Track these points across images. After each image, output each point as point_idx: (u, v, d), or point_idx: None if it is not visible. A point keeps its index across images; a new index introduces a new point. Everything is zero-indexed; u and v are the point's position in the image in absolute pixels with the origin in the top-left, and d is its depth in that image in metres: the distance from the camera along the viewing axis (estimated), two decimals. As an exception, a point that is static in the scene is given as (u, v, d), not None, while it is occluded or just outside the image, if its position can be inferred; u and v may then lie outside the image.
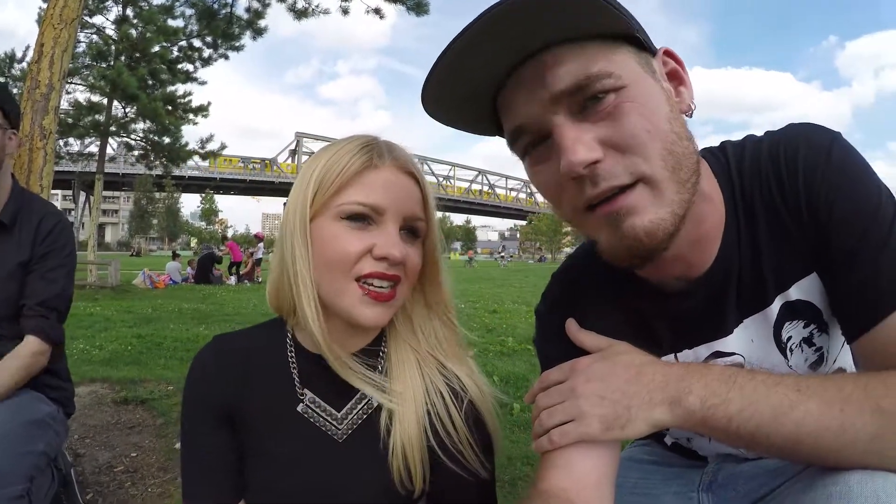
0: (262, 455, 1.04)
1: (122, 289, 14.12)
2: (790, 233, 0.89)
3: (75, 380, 4.31)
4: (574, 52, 0.79)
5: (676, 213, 0.82)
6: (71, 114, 15.33)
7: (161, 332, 7.21)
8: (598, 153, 0.79)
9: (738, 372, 0.83)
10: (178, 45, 15.82)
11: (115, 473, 2.84)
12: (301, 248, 0.97)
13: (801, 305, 0.93)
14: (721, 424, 0.79)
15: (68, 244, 1.99)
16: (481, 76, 0.83)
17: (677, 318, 1.01)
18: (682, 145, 0.82)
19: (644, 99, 0.80)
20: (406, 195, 1.00)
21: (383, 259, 0.96)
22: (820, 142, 0.87)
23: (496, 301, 12.80)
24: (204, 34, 15.00)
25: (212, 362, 1.08)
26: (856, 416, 0.73)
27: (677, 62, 0.90)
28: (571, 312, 1.06)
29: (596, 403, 0.87)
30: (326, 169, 0.97)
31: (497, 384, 4.83)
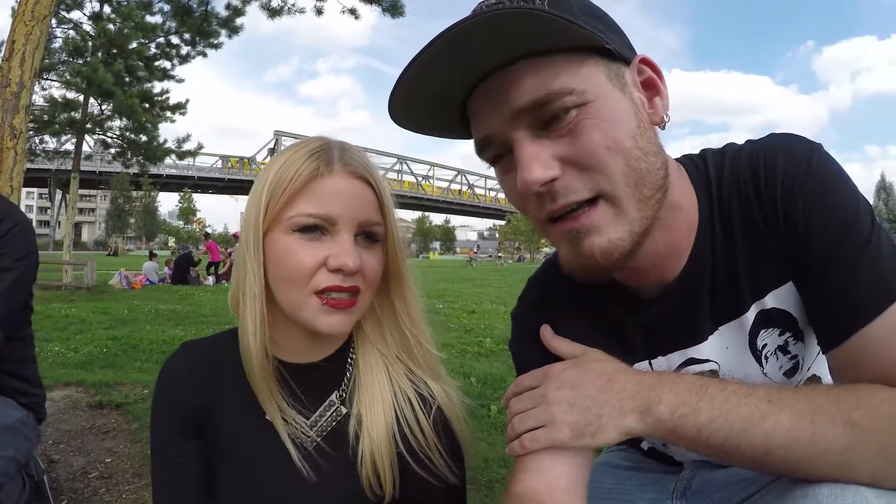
0: (231, 463, 1.03)
1: (98, 289, 13.92)
2: (767, 242, 0.88)
3: (50, 383, 4.31)
4: (537, 66, 0.78)
5: (635, 232, 0.83)
6: (46, 110, 15.10)
7: (137, 334, 7.12)
8: (554, 171, 0.80)
9: (709, 382, 0.83)
10: (155, 41, 15.68)
11: (90, 479, 2.80)
12: (253, 263, 0.96)
13: (776, 314, 0.93)
14: (691, 434, 0.80)
15: (22, 248, 1.89)
16: (446, 91, 0.84)
17: (651, 324, 1.01)
18: (647, 161, 0.82)
19: (607, 115, 0.80)
20: (359, 201, 0.97)
21: (338, 271, 0.93)
22: (800, 153, 0.86)
23: (475, 301, 12.82)
24: (182, 31, 14.89)
25: (180, 369, 1.07)
26: (827, 427, 0.73)
27: (654, 71, 0.88)
28: (547, 317, 1.07)
29: (566, 410, 0.88)
30: (276, 179, 0.95)
31: (474, 385, 4.84)
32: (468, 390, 4.66)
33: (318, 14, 11.30)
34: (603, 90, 0.81)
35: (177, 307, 10.58)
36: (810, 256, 0.83)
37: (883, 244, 0.81)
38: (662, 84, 0.89)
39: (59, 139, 17.78)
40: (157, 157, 17.47)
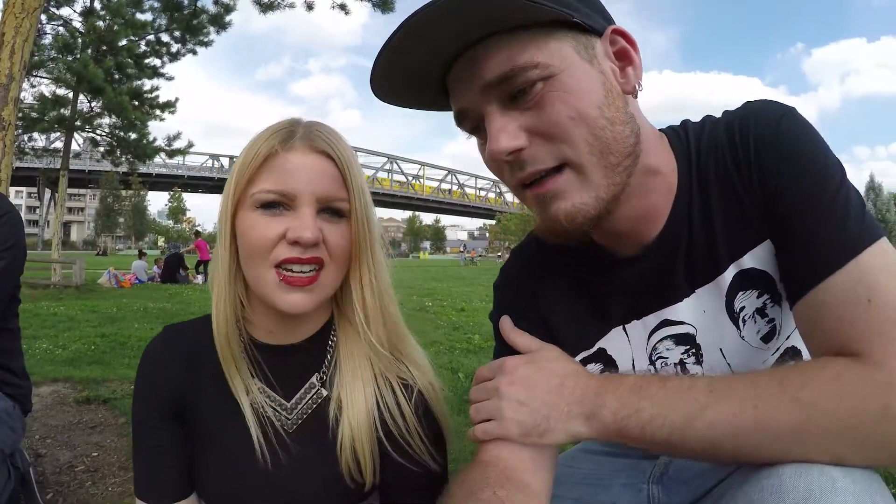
0: (211, 446, 1.03)
1: (86, 288, 13.84)
2: (744, 204, 0.90)
3: (38, 380, 4.29)
4: (504, 42, 0.82)
5: (601, 198, 0.86)
6: (35, 108, 14.99)
7: (125, 332, 7.07)
8: (520, 141, 0.84)
9: (650, 381, 0.84)
10: (145, 38, 15.59)
11: (76, 473, 2.78)
12: (224, 241, 0.99)
13: (755, 273, 0.93)
14: (635, 434, 0.81)
15: (10, 238, 1.90)
16: (422, 69, 0.88)
17: (628, 285, 1.02)
18: (613, 130, 0.85)
19: (572, 87, 0.83)
20: (319, 176, 0.97)
21: (296, 243, 0.94)
22: (770, 115, 0.89)
23: (464, 299, 12.84)
24: (172, 28, 14.83)
25: (161, 353, 1.08)
26: (771, 411, 0.73)
27: (628, 41, 0.90)
28: (527, 286, 1.12)
29: (516, 408, 0.90)
30: (241, 159, 0.98)
31: (462, 381, 4.85)
32: (456, 385, 4.68)
33: (309, 9, 11.27)
34: (569, 63, 0.83)
35: (165, 305, 10.54)
36: (781, 210, 0.85)
37: (851, 201, 0.82)
38: (636, 54, 0.91)
39: (48, 137, 17.65)
40: (146, 155, 17.36)
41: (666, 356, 1.02)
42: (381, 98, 0.93)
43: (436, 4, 0.75)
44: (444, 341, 6.94)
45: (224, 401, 1.03)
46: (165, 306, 10.39)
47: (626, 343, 1.05)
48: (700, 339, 1.00)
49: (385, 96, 0.93)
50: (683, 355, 1.02)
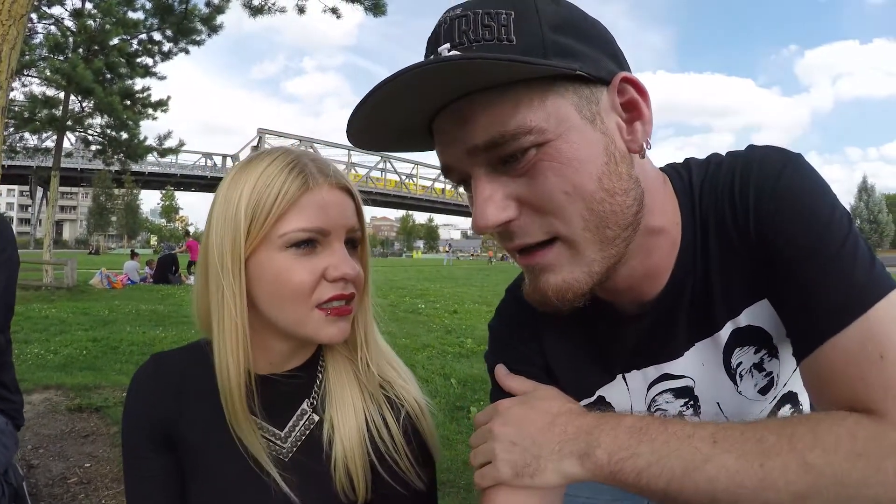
0: (202, 479, 1.03)
1: (78, 289, 13.79)
2: (741, 256, 0.85)
3: (29, 387, 4.28)
4: (492, 101, 0.73)
5: (594, 272, 0.80)
6: (27, 107, 14.90)
7: (117, 336, 7.07)
8: (509, 213, 0.77)
9: (650, 423, 0.78)
10: (137, 38, 15.51)
11: (69, 485, 2.79)
12: (233, 286, 0.94)
13: (750, 331, 0.90)
14: (630, 479, 0.76)
15: (6, 249, 1.91)
16: (403, 125, 0.81)
17: (628, 340, 0.98)
18: (613, 202, 0.77)
19: (569, 155, 0.74)
20: (345, 210, 0.98)
21: (339, 280, 0.94)
22: (773, 164, 0.83)
23: (457, 301, 12.83)
24: (164, 28, 14.76)
25: (149, 382, 1.06)
26: (778, 472, 0.68)
27: (639, 91, 0.80)
28: (524, 329, 1.06)
29: (508, 448, 0.85)
30: (257, 198, 0.93)
31: (454, 387, 4.86)
32: (448, 392, 4.69)
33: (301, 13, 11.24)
34: (567, 126, 0.74)
35: (158, 307, 10.50)
36: (782, 263, 0.80)
37: (859, 253, 0.76)
38: (646, 106, 0.81)
39: (39, 136, 17.53)
40: (137, 154, 17.27)
41: (665, 408, 1.00)
42: (362, 148, 0.88)
43: (411, 71, 0.69)
44: (436, 345, 6.97)
45: (214, 434, 1.02)
46: (158, 308, 10.36)
47: (626, 392, 1.02)
48: (698, 392, 0.98)
49: (366, 147, 0.88)
50: (682, 407, 1.00)
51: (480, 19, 0.72)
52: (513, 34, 0.72)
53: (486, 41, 0.72)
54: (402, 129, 0.83)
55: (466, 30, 0.73)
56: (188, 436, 1.03)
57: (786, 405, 0.98)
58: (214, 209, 0.99)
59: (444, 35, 0.75)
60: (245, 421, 0.99)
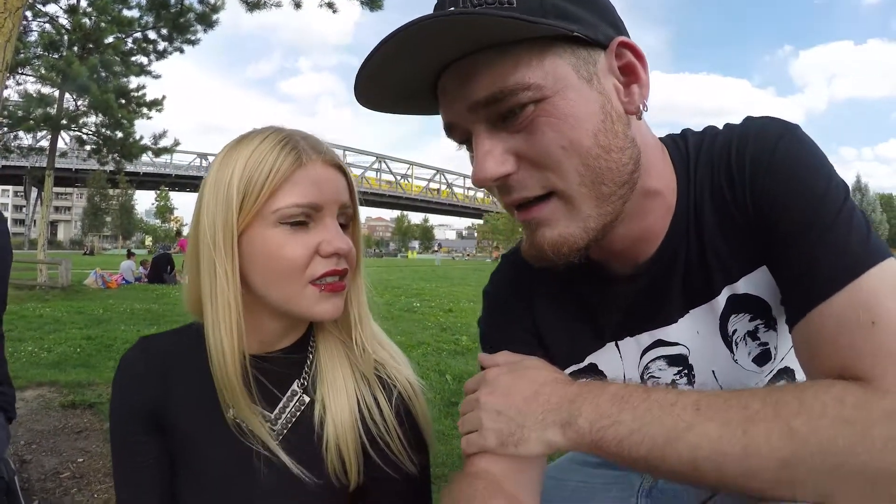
0: (192, 462, 1.02)
1: (73, 289, 13.72)
2: (738, 225, 0.86)
3: (23, 383, 4.26)
4: (493, 59, 0.76)
5: (590, 228, 0.82)
6: (21, 106, 14.83)
7: (111, 334, 7.04)
8: (508, 167, 0.80)
9: (633, 391, 0.78)
10: (132, 36, 15.47)
11: (62, 479, 2.77)
12: (225, 263, 0.93)
13: (748, 299, 0.90)
14: (612, 448, 0.75)
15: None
16: (408, 82, 0.83)
17: (622, 302, 0.99)
18: (608, 159, 0.80)
19: (566, 111, 0.77)
20: (336, 187, 0.98)
21: (332, 255, 0.95)
22: (770, 135, 0.84)
23: (452, 300, 12.80)
24: (159, 26, 14.72)
25: (137, 365, 1.05)
26: (762, 438, 0.67)
27: (636, 55, 0.83)
28: (519, 294, 1.09)
29: (493, 418, 0.86)
30: (249, 174, 0.93)
31: (450, 383, 4.86)
32: (443, 388, 4.69)
33: (297, 7, 11.18)
34: (564, 84, 0.77)
35: (152, 306, 10.46)
36: (778, 234, 0.81)
37: (854, 222, 0.77)
38: (643, 70, 0.83)
39: (34, 135, 17.46)
40: (132, 153, 17.23)
41: (658, 376, 1.00)
42: (367, 107, 0.90)
43: (416, 24, 0.71)
44: (432, 342, 6.96)
45: (204, 417, 1.01)
46: (152, 307, 10.32)
47: (619, 359, 1.02)
48: (692, 360, 0.98)
49: (371, 106, 0.90)
50: (676, 376, 1.00)
51: None
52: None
53: (488, 3, 0.74)
54: (407, 89, 0.85)
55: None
56: (177, 419, 1.02)
57: (781, 380, 0.97)
58: (205, 191, 0.98)
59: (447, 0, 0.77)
60: (244, 401, 0.98)
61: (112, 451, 1.05)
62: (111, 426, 1.04)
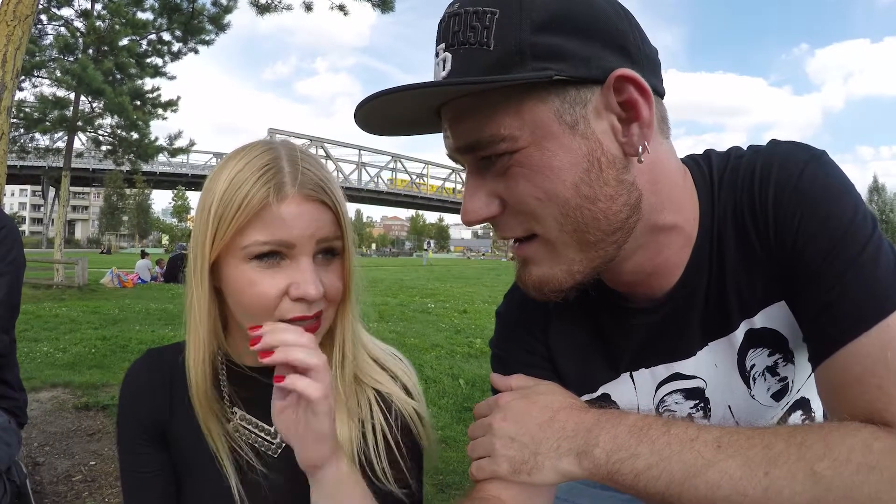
0: (196, 475, 1.02)
1: (89, 288, 13.88)
2: (759, 256, 0.83)
3: (38, 384, 4.29)
4: (473, 106, 0.75)
5: (575, 272, 0.80)
6: (37, 108, 14.99)
7: (126, 334, 7.10)
8: (492, 209, 0.80)
9: (652, 423, 0.76)
10: (146, 38, 15.58)
11: (73, 483, 2.79)
12: (198, 288, 0.93)
13: (766, 333, 0.87)
14: (628, 481, 0.73)
15: (12, 251, 1.93)
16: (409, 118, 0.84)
17: (638, 334, 0.95)
18: (595, 209, 0.76)
19: (541, 163, 0.74)
20: (316, 223, 0.91)
21: (300, 300, 0.89)
22: (795, 162, 0.80)
23: (467, 301, 12.80)
24: (173, 28, 14.81)
25: (141, 377, 1.06)
26: (784, 481, 0.65)
27: (639, 89, 0.75)
28: (533, 319, 1.05)
29: (507, 444, 0.84)
30: (223, 207, 0.88)
31: (463, 388, 4.84)
32: (456, 392, 4.67)
33: (308, 10, 11.19)
34: (543, 133, 0.74)
35: (168, 306, 10.54)
36: (801, 268, 0.77)
37: (882, 256, 0.73)
38: (646, 106, 0.75)
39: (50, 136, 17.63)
40: (148, 154, 17.36)
41: (674, 409, 0.97)
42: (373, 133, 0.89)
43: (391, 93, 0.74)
44: (445, 345, 6.95)
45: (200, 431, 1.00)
46: (168, 307, 10.39)
47: (633, 391, 0.99)
48: (709, 394, 0.95)
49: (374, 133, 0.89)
50: (692, 409, 0.97)
51: (469, 20, 0.73)
52: (492, 39, 0.72)
53: (471, 45, 0.73)
54: (408, 122, 0.86)
55: (457, 31, 0.74)
56: (179, 432, 1.03)
57: (797, 411, 0.95)
58: (197, 205, 0.97)
59: (441, 33, 0.77)
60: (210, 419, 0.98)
61: (119, 458, 1.06)
62: (118, 434, 1.05)
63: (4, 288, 1.89)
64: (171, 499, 1.03)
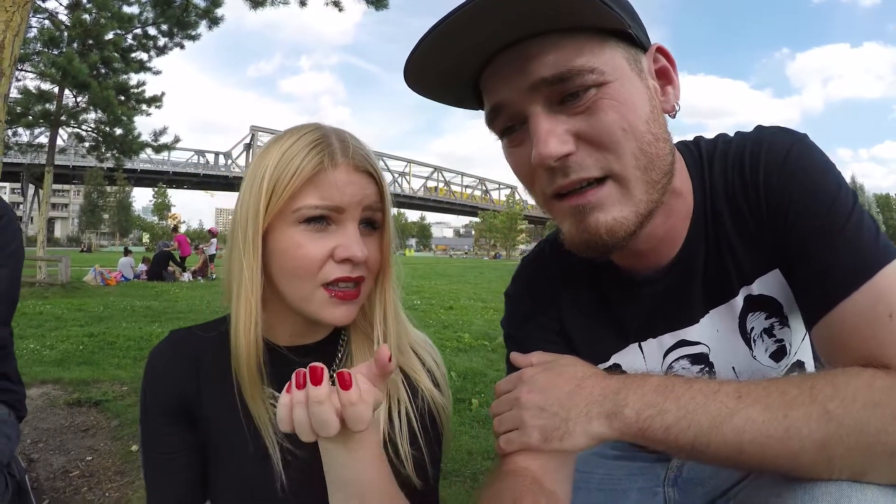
0: (225, 454, 1.02)
1: (72, 286, 13.66)
2: (752, 229, 0.91)
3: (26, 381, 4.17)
4: (559, 42, 0.79)
5: (640, 213, 0.85)
6: (20, 102, 14.76)
7: (113, 331, 7.01)
8: (570, 146, 0.81)
9: (675, 381, 0.82)
10: (132, 32, 15.39)
11: (71, 478, 2.75)
12: (250, 258, 0.96)
13: (762, 299, 0.95)
14: (658, 435, 0.78)
15: (12, 242, 1.87)
16: (464, 59, 0.84)
17: (643, 305, 1.03)
18: (658, 146, 0.84)
19: (625, 97, 0.81)
20: (363, 191, 0.98)
21: (346, 261, 0.95)
22: (782, 142, 0.89)
23: (452, 298, 12.79)
24: (159, 22, 14.65)
25: (167, 358, 1.06)
26: (801, 421, 0.71)
27: (669, 60, 0.91)
28: (541, 295, 1.12)
29: (536, 414, 0.88)
30: (278, 174, 0.94)
31: (455, 380, 4.86)
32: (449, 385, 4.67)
33: (302, 5, 11.07)
34: (622, 73, 0.82)
35: (153, 303, 10.44)
36: (792, 238, 0.85)
37: (864, 224, 0.83)
38: (675, 74, 0.91)
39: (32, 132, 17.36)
40: (132, 150, 17.15)
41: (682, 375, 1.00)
42: (413, 86, 0.91)
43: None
44: (435, 340, 6.77)
45: (234, 408, 1.01)
46: (153, 304, 10.29)
47: (641, 360, 1.06)
48: (713, 358, 1.02)
49: (418, 84, 0.90)
50: (698, 374, 1.03)
51: None
52: None
53: None
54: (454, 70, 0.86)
55: None
56: (206, 413, 1.03)
57: (794, 373, 1.01)
58: (244, 182, 1.00)
59: None
60: (255, 391, 0.99)
61: (142, 442, 1.06)
62: (141, 418, 1.05)
63: (5, 280, 1.84)
64: (196, 483, 1.02)
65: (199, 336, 1.08)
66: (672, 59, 0.91)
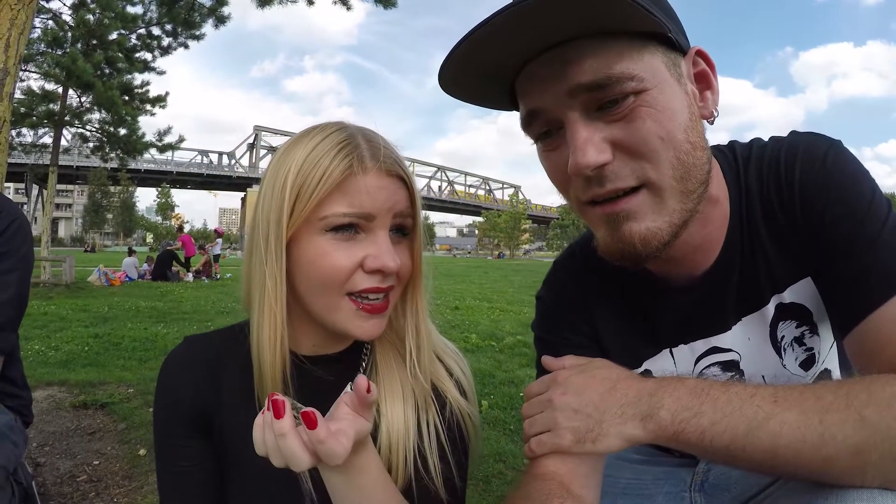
0: (239, 465, 0.98)
1: (77, 286, 13.66)
2: (786, 236, 0.91)
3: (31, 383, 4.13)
4: (598, 47, 0.77)
5: (675, 224, 0.84)
6: (24, 102, 14.74)
7: (118, 332, 6.99)
8: (607, 155, 0.80)
9: (711, 384, 0.80)
10: (136, 32, 15.37)
11: (79, 483, 2.71)
12: (273, 267, 0.90)
13: (793, 307, 0.95)
14: (694, 438, 0.77)
15: (24, 245, 1.82)
16: (500, 63, 0.83)
17: (677, 313, 1.03)
18: (695, 155, 0.83)
19: (663, 105, 0.80)
20: (394, 197, 0.92)
21: (376, 272, 0.90)
22: (817, 149, 0.89)
23: (457, 298, 12.78)
24: (164, 22, 14.62)
25: (183, 365, 1.02)
26: (837, 427, 0.70)
27: (708, 63, 0.89)
28: (574, 300, 1.11)
29: (569, 416, 0.87)
30: (302, 178, 0.88)
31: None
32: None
33: (310, 3, 10.99)
34: (661, 79, 0.80)
35: (157, 304, 10.42)
36: (827, 245, 0.85)
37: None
38: (714, 78, 0.89)
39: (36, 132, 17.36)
40: (136, 150, 17.14)
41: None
42: (448, 89, 0.88)
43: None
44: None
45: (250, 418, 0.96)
46: (157, 305, 10.27)
47: (672, 365, 1.06)
48: (744, 366, 1.02)
49: (454, 87, 0.88)
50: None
51: None
52: None
53: None
54: (490, 73, 0.84)
55: None
56: (222, 421, 0.99)
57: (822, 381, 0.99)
58: (264, 184, 0.94)
59: None
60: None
61: (156, 451, 1.02)
62: (155, 426, 1.01)
63: (15, 285, 1.79)
64: (211, 493, 0.99)
65: (216, 342, 1.04)
66: (711, 62, 0.89)
